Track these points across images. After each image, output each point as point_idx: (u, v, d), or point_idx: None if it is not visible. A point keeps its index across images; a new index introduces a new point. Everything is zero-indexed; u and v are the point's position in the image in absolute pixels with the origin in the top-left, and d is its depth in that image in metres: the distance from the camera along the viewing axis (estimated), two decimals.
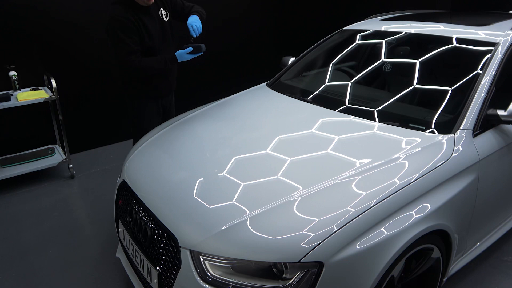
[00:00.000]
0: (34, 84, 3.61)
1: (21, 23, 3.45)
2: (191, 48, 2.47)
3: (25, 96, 3.30)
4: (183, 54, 2.50)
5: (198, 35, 2.58)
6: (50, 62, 3.66)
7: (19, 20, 3.44)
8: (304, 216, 1.47)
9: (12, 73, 3.39)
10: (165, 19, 2.61)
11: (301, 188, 1.61)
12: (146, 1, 2.43)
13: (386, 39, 2.62)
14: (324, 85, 2.58)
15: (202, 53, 2.51)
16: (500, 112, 1.93)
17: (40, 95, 3.34)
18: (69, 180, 3.53)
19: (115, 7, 2.43)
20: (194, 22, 2.58)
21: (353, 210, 1.48)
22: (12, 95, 3.34)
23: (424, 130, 1.92)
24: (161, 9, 2.60)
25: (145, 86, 2.63)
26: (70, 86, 3.77)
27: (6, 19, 3.38)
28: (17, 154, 3.62)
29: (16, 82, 3.42)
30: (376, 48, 2.73)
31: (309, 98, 2.43)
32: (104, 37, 2.55)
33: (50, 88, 3.41)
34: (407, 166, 1.68)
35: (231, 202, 1.60)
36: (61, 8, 3.61)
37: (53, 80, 3.32)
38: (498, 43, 2.14)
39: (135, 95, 2.66)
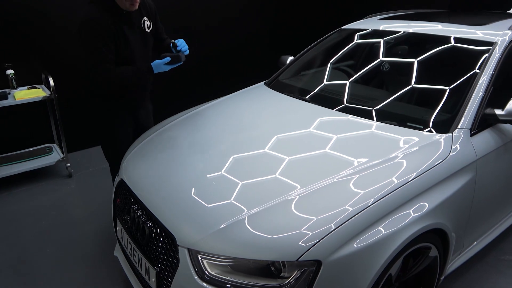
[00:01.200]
0: (31, 82, 3.60)
1: (19, 22, 3.44)
2: (169, 58, 2.23)
3: (23, 94, 3.29)
4: (160, 65, 2.24)
5: (181, 51, 2.38)
6: (48, 60, 3.65)
7: (17, 19, 3.43)
8: (302, 215, 1.47)
9: (10, 71, 3.38)
10: (147, 29, 2.37)
11: (299, 187, 1.61)
12: (129, 6, 2.17)
13: (384, 39, 2.63)
14: (322, 84, 2.58)
15: (181, 63, 2.30)
16: (498, 112, 1.94)
17: (37, 93, 3.33)
18: (66, 179, 3.52)
19: (91, 7, 2.15)
20: (183, 42, 2.41)
21: (351, 209, 1.48)
22: (9, 93, 3.33)
23: (422, 129, 1.92)
24: (145, 18, 2.34)
25: (116, 98, 2.38)
26: (68, 84, 3.76)
27: (4, 17, 3.36)
28: (14, 153, 3.61)
29: (13, 81, 3.40)
30: (374, 47, 2.73)
31: (307, 97, 2.43)
32: None
33: (48, 86, 3.40)
34: (404, 165, 1.69)
35: (229, 201, 1.60)
36: (59, 7, 3.60)
37: (51, 78, 3.32)
38: (496, 42, 2.15)
39: (105, 106, 2.41)
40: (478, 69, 2.06)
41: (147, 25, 2.36)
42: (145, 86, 2.53)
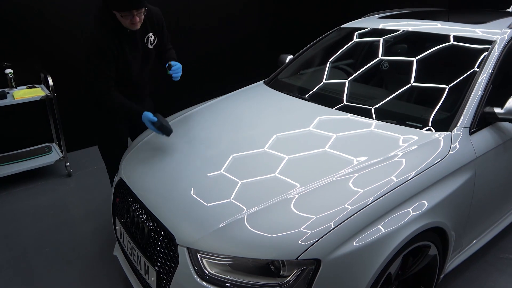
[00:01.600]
0: (30, 82, 3.60)
1: (18, 21, 3.44)
2: (156, 119, 2.13)
3: (22, 94, 3.29)
4: (147, 121, 2.16)
5: (172, 74, 2.36)
6: (47, 60, 3.65)
7: (16, 18, 3.42)
8: (301, 214, 1.47)
9: (9, 70, 3.37)
10: (150, 46, 2.34)
11: (298, 185, 1.61)
12: (130, 25, 2.12)
13: (383, 37, 2.63)
14: (322, 83, 2.58)
15: (164, 135, 2.17)
16: (497, 110, 1.94)
17: (36, 93, 3.33)
18: (66, 178, 3.52)
19: (97, 26, 2.14)
20: (179, 68, 2.39)
21: (350, 207, 1.48)
22: (8, 93, 3.32)
23: (421, 128, 1.92)
24: (150, 34, 2.31)
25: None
26: (67, 84, 3.76)
27: (3, 17, 3.36)
28: (14, 152, 3.61)
29: (12, 80, 3.40)
30: (374, 46, 2.73)
31: (306, 96, 2.43)
32: None
33: (47, 86, 3.40)
34: (404, 163, 1.69)
35: (229, 200, 1.60)
36: (58, 6, 3.59)
37: (50, 78, 3.31)
38: (495, 41, 2.15)
39: (100, 106, 2.39)
40: (477, 67, 2.06)
41: (150, 41, 2.34)
42: (144, 90, 2.52)
